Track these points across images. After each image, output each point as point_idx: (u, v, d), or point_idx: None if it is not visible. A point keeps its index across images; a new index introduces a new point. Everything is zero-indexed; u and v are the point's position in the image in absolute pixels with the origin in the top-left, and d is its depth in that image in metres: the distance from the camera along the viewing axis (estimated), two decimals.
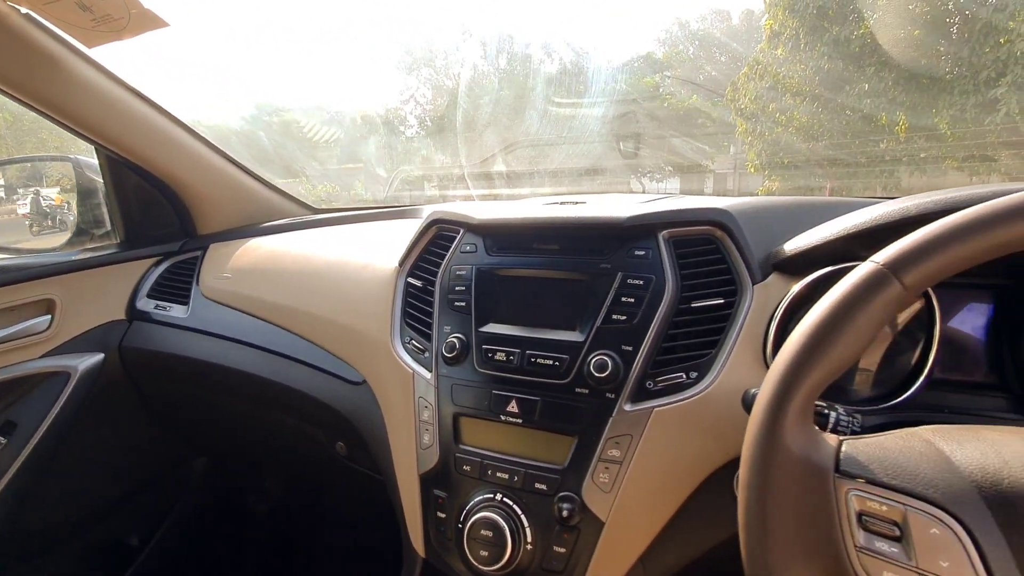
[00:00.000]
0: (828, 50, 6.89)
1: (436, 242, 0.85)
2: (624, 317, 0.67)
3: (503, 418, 0.70)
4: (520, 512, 0.67)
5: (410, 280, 0.85)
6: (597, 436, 0.65)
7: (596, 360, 0.65)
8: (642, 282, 0.67)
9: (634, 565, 0.65)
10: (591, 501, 0.64)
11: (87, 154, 1.26)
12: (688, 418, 0.63)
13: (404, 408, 0.78)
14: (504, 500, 0.68)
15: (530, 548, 0.66)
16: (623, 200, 0.82)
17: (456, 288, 0.77)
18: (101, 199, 1.27)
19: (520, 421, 0.69)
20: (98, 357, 1.14)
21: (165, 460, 1.39)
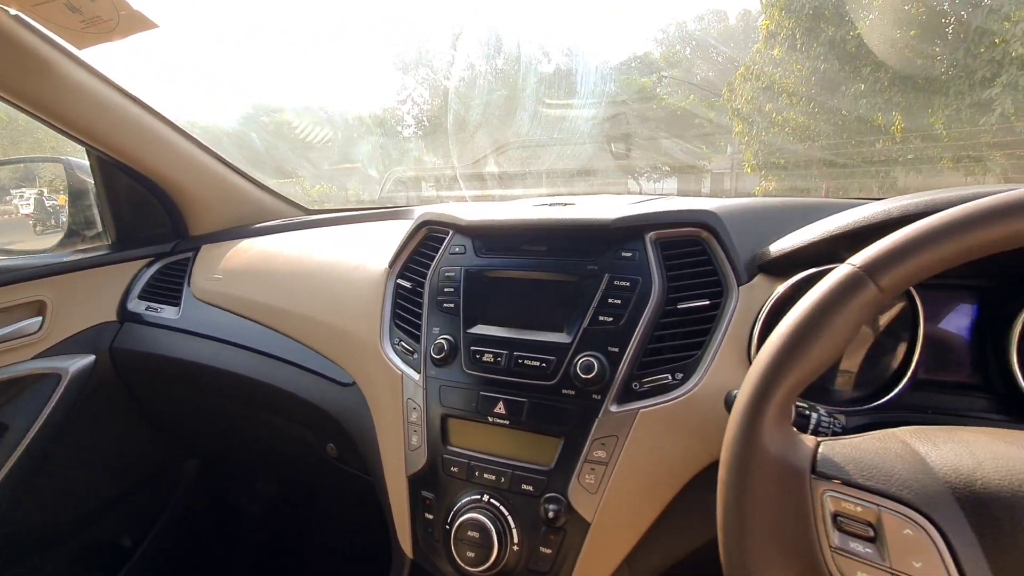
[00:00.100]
0: (824, 51, 6.91)
1: (426, 243, 0.85)
2: (611, 318, 0.67)
3: (490, 419, 0.70)
4: (507, 513, 0.67)
5: (400, 281, 0.85)
6: (583, 437, 0.65)
7: (582, 361, 0.65)
8: (629, 283, 0.67)
9: (620, 565, 0.65)
10: (577, 502, 0.64)
11: (79, 155, 1.25)
12: (673, 419, 0.63)
13: (393, 409, 0.78)
14: (491, 501, 0.68)
15: (516, 549, 0.66)
16: (612, 201, 0.82)
17: (445, 289, 0.77)
18: (92, 200, 1.27)
19: (507, 422, 0.70)
20: (89, 359, 1.14)
21: (157, 461, 1.39)
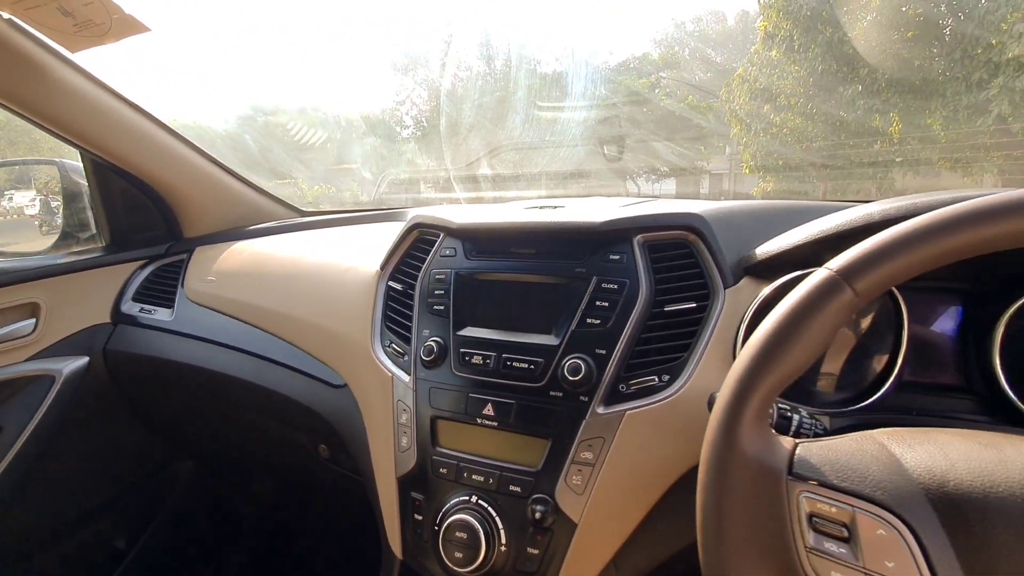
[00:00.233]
0: (822, 52, 6.91)
1: (417, 246, 0.85)
2: (598, 321, 0.67)
3: (479, 421, 0.71)
4: (495, 514, 0.67)
5: (391, 284, 0.86)
6: (570, 439, 0.65)
7: (570, 363, 0.66)
8: (616, 286, 0.68)
9: (607, 566, 0.66)
10: (564, 503, 0.65)
11: (73, 157, 1.25)
12: (659, 421, 0.63)
13: (383, 411, 0.79)
14: (479, 502, 0.68)
15: (504, 550, 0.66)
16: (602, 204, 0.82)
17: (435, 291, 0.78)
18: (86, 202, 1.27)
19: (495, 424, 0.70)
20: (83, 360, 1.14)
21: (151, 463, 1.39)
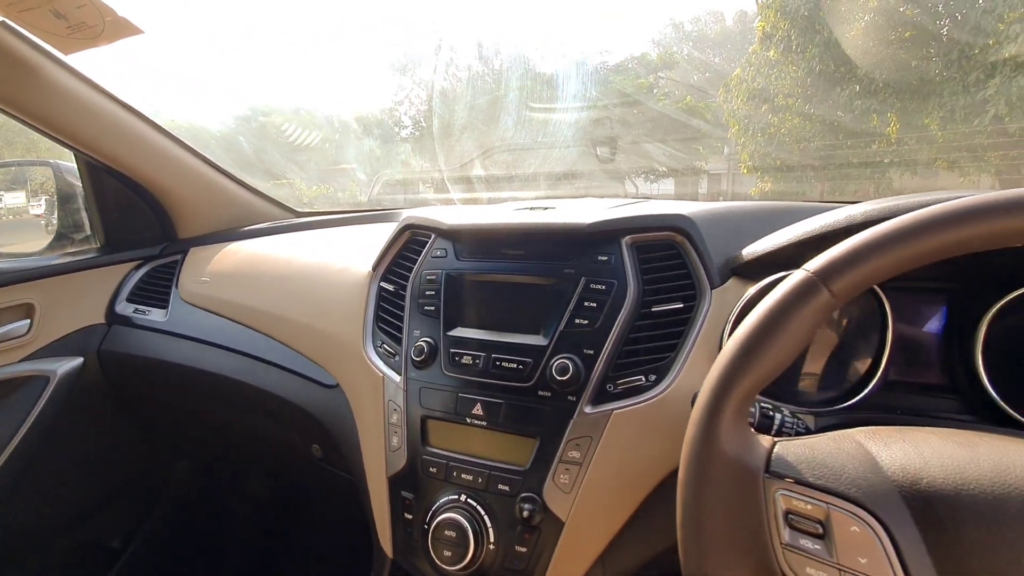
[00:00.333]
0: (819, 52, 6.92)
1: (409, 247, 0.86)
2: (586, 321, 0.68)
3: (468, 420, 0.71)
4: (483, 513, 0.68)
5: (383, 284, 0.86)
6: (558, 438, 0.66)
7: (558, 363, 0.66)
8: (604, 287, 0.68)
9: (594, 564, 0.66)
10: (552, 501, 0.65)
11: (67, 158, 1.26)
12: (646, 420, 0.64)
13: (374, 411, 0.79)
14: (468, 501, 0.69)
15: (492, 548, 0.67)
16: (592, 205, 0.83)
17: (426, 292, 0.78)
18: (81, 203, 1.28)
19: (485, 423, 0.71)
20: (77, 361, 1.14)
21: (145, 463, 1.39)
